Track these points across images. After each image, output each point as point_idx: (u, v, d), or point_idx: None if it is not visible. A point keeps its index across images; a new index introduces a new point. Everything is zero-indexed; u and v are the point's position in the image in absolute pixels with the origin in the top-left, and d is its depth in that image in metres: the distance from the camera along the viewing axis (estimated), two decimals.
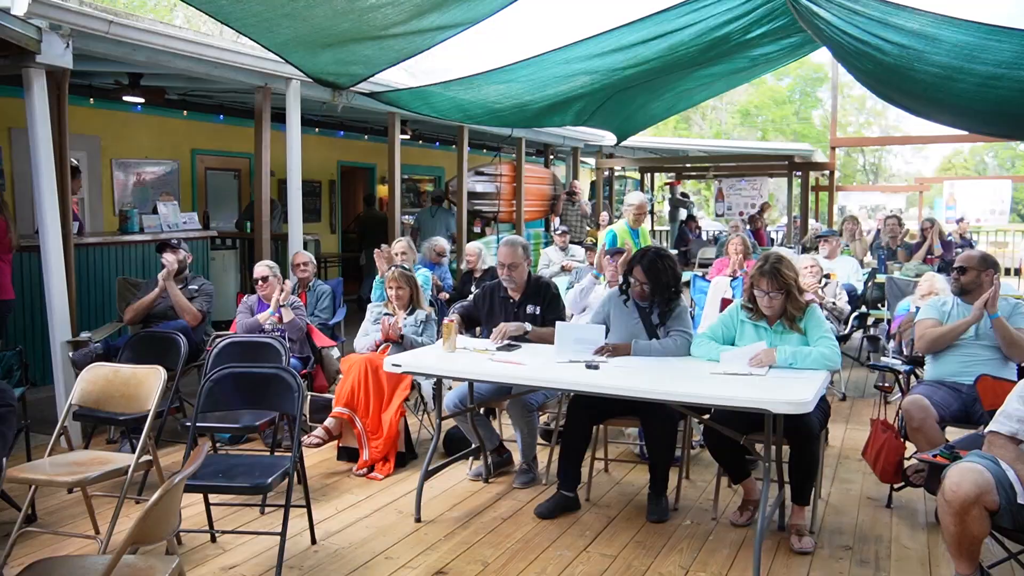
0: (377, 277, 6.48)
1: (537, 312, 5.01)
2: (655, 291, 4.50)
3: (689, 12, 5.83)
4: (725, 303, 6.37)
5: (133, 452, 4.02)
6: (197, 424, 4.03)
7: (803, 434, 3.93)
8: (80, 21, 5.66)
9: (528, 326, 4.85)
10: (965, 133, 12.21)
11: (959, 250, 10.56)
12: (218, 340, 5.15)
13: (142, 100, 8.66)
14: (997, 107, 6.63)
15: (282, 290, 5.80)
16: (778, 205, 29.01)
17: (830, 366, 4.03)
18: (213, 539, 4.06)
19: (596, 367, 4.12)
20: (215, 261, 9.08)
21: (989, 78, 5.68)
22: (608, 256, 6.26)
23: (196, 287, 6.17)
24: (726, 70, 8.37)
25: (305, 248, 7.77)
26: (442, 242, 8.64)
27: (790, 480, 4.12)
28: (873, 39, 5.72)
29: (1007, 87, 5.82)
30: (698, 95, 9.92)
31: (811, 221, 14.15)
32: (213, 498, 4.12)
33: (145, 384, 4.01)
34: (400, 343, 5.41)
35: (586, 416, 4.47)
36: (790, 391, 3.61)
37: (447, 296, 8.03)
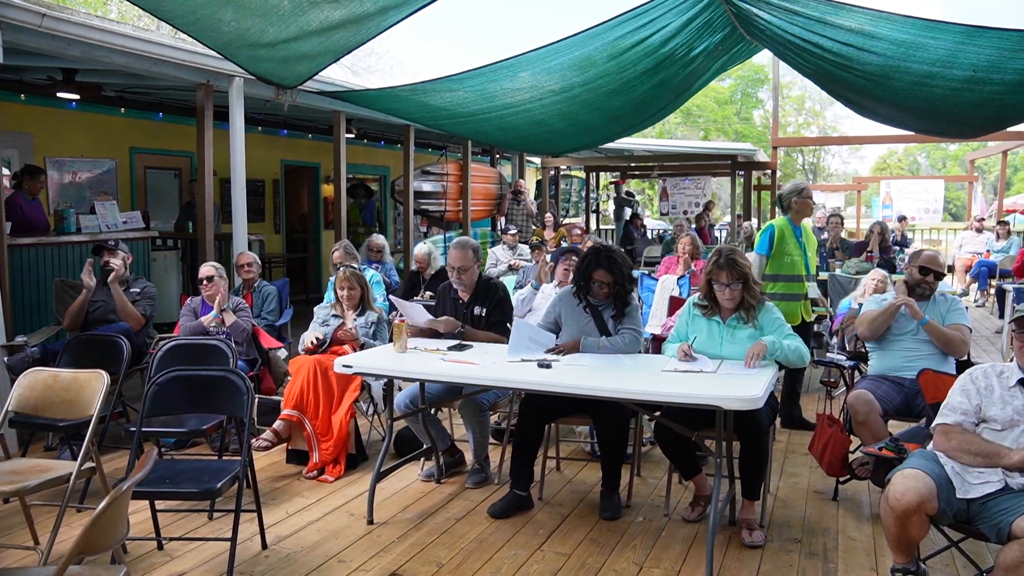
0: (331, 279, 6.42)
1: (483, 313, 5.01)
2: (618, 288, 4.53)
3: (634, 28, 5.87)
4: (675, 301, 6.43)
5: (73, 459, 3.91)
6: (142, 429, 3.92)
7: (753, 430, 3.99)
8: (10, 14, 5.46)
9: (458, 324, 4.89)
10: (900, 133, 12.54)
11: (896, 247, 10.86)
12: (162, 343, 5.03)
13: (77, 97, 8.41)
14: (931, 105, 6.81)
15: (222, 294, 5.70)
16: (720, 204, 29.47)
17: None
18: (160, 546, 3.96)
19: (548, 366, 4.12)
20: (156, 262, 8.88)
21: (924, 76, 5.83)
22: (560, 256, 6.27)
23: (138, 290, 6.02)
24: (673, 92, 8.48)
25: (249, 249, 7.63)
26: (378, 239, 8.58)
27: (740, 475, 4.18)
28: (813, 37, 5.83)
29: (940, 86, 5.98)
30: (647, 121, 10.05)
31: (744, 223, 14.37)
32: (159, 504, 4.03)
33: (87, 389, 3.88)
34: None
35: (538, 415, 4.47)
36: (740, 387, 3.65)
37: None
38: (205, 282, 5.80)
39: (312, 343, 5.34)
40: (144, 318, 5.91)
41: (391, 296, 5.39)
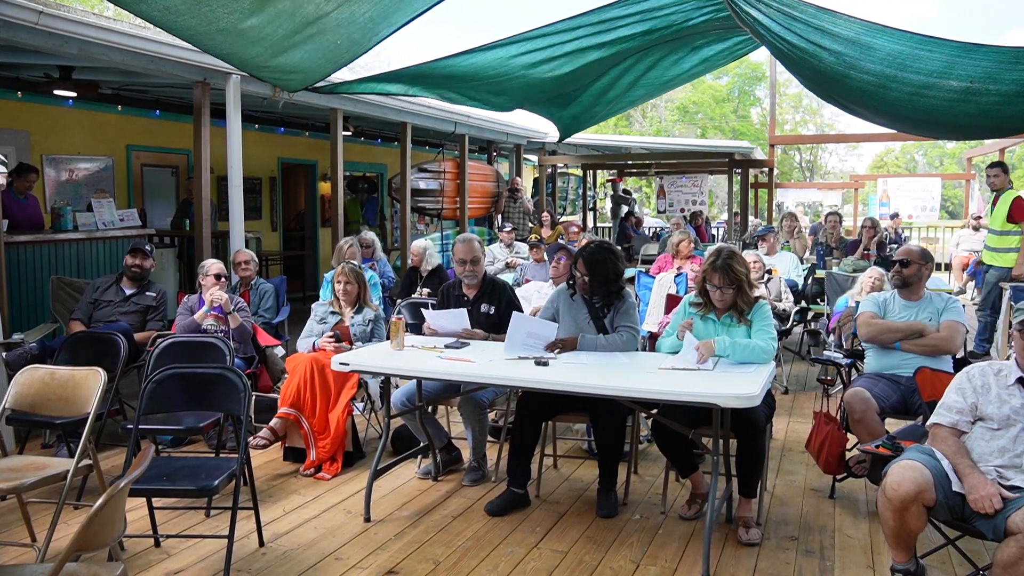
0: (326, 275, 6.43)
1: (491, 312, 5.01)
2: (594, 284, 4.53)
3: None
4: (672, 299, 6.43)
5: (70, 456, 3.90)
6: (139, 426, 3.92)
7: (750, 427, 3.99)
8: (7, 11, 5.46)
9: (487, 336, 4.92)
10: (897, 132, 12.55)
11: (893, 246, 10.87)
12: (159, 340, 5.03)
13: (74, 94, 8.40)
14: (928, 116, 6.80)
15: (220, 291, 5.70)
16: (717, 202, 29.51)
17: (763, 359, 4.10)
18: (157, 544, 3.96)
19: (545, 363, 4.13)
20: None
21: (921, 87, 5.83)
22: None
23: (154, 294, 6.09)
24: (669, 71, 8.41)
25: (246, 246, 7.62)
26: (368, 235, 8.63)
27: (737, 473, 4.19)
28: (811, 46, 5.82)
29: (937, 96, 5.97)
30: (641, 95, 9.97)
31: (751, 218, 14.37)
32: (156, 502, 4.03)
33: (84, 386, 3.88)
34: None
35: (535, 413, 4.47)
36: (737, 385, 3.66)
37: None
38: (221, 279, 5.78)
39: (331, 343, 5.29)
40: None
41: (425, 311, 5.28)
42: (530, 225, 13.22)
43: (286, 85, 6.31)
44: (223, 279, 5.83)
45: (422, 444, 5.01)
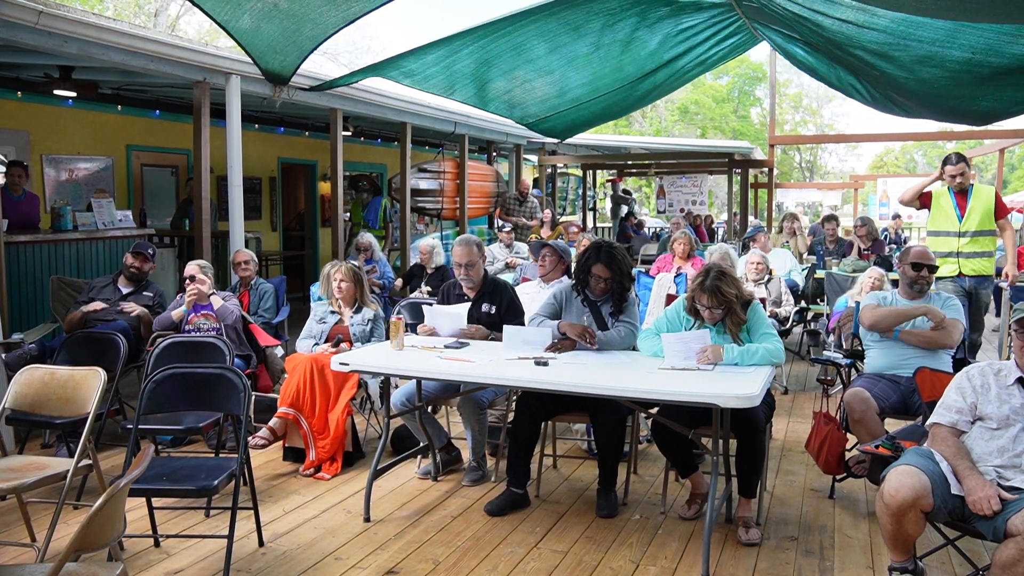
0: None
1: (492, 311, 5.01)
2: (618, 283, 4.52)
3: None
4: (672, 300, 6.43)
5: (70, 456, 3.90)
6: (139, 426, 3.92)
7: (750, 427, 3.99)
8: (7, 11, 5.46)
9: (488, 333, 4.93)
10: (897, 131, 12.54)
11: (892, 246, 10.88)
12: (159, 340, 5.03)
13: (74, 94, 8.39)
14: (930, 88, 6.76)
15: (203, 289, 5.71)
16: (717, 202, 29.52)
17: (775, 362, 4.09)
18: (157, 544, 3.96)
19: (545, 363, 4.12)
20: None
21: (923, 56, 5.81)
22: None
23: (151, 294, 6.09)
24: (666, 72, 8.40)
25: (246, 246, 7.62)
26: (365, 237, 8.67)
27: (737, 473, 4.18)
28: (814, 16, 5.81)
29: (938, 67, 5.95)
30: (641, 97, 9.96)
31: (751, 218, 14.36)
32: (156, 502, 4.03)
33: (84, 386, 3.88)
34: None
35: (535, 412, 4.47)
36: (737, 385, 3.65)
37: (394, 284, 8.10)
38: (188, 280, 5.80)
39: (328, 350, 5.28)
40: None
41: (425, 308, 5.25)
42: (531, 225, 13.22)
43: (281, 66, 6.22)
44: (196, 279, 5.83)
45: (422, 444, 5.01)
